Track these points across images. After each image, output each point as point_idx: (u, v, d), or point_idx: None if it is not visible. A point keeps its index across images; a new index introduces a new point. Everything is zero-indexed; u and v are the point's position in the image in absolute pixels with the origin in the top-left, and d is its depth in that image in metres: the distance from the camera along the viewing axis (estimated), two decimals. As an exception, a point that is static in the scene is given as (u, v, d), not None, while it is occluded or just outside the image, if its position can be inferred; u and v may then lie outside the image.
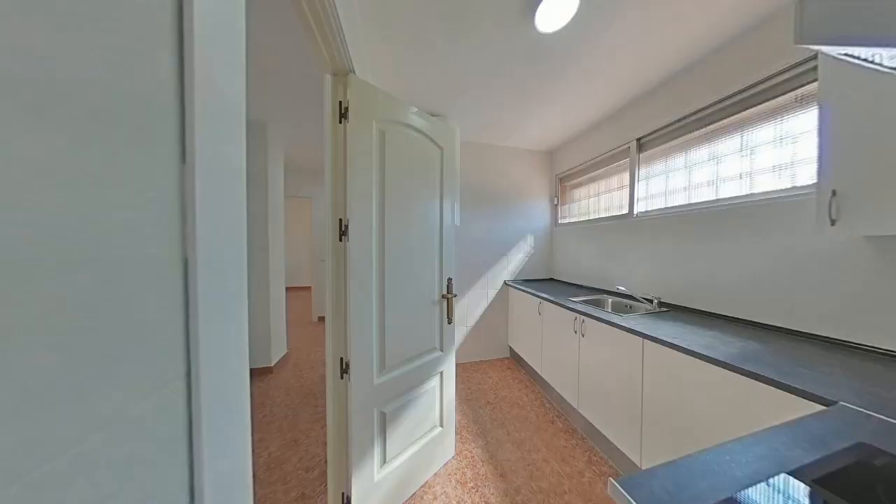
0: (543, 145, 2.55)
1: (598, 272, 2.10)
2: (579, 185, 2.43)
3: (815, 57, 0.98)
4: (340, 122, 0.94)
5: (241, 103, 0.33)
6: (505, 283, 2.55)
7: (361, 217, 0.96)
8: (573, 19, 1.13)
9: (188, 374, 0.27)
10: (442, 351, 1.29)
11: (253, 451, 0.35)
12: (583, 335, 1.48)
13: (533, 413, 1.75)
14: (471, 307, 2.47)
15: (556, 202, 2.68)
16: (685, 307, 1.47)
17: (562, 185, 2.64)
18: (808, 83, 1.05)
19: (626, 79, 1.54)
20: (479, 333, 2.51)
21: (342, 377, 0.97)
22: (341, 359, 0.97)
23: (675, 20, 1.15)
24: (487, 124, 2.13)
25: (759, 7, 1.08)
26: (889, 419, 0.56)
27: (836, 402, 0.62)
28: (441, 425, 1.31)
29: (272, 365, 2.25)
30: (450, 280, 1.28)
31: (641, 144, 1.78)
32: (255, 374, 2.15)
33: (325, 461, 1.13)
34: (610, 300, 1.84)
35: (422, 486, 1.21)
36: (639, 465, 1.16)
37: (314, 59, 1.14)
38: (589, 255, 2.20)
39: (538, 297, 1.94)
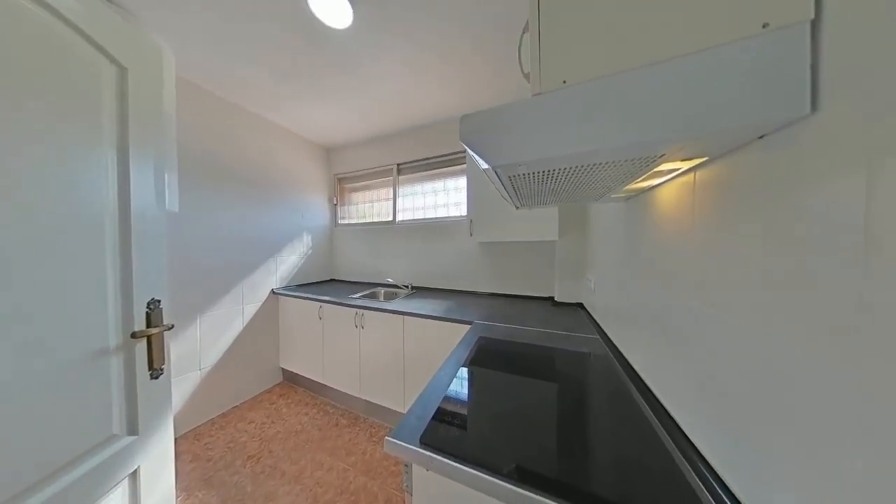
0: (322, 139, 2.44)
1: (373, 269, 2.46)
2: (357, 189, 2.64)
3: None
4: None
5: None
6: (273, 291, 2.10)
7: None
8: (351, 29, 1.17)
9: None
10: (136, 434, 0.72)
11: None
12: (362, 327, 1.68)
13: (315, 429, 1.65)
14: (210, 338, 1.73)
15: (335, 202, 2.69)
16: (425, 287, 2.18)
17: (341, 185, 2.70)
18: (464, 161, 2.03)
19: (391, 112, 1.93)
20: (230, 370, 1.83)
21: None
22: None
23: (418, 88, 1.63)
24: (246, 79, 1.57)
25: (453, 111, 1.88)
26: (486, 322, 1.27)
27: (473, 322, 1.29)
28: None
29: None
30: (155, 303, 0.76)
31: (400, 169, 2.34)
32: None
33: None
34: (382, 291, 2.24)
35: None
36: (404, 412, 1.55)
37: None
38: (365, 255, 2.51)
39: (318, 300, 1.86)
